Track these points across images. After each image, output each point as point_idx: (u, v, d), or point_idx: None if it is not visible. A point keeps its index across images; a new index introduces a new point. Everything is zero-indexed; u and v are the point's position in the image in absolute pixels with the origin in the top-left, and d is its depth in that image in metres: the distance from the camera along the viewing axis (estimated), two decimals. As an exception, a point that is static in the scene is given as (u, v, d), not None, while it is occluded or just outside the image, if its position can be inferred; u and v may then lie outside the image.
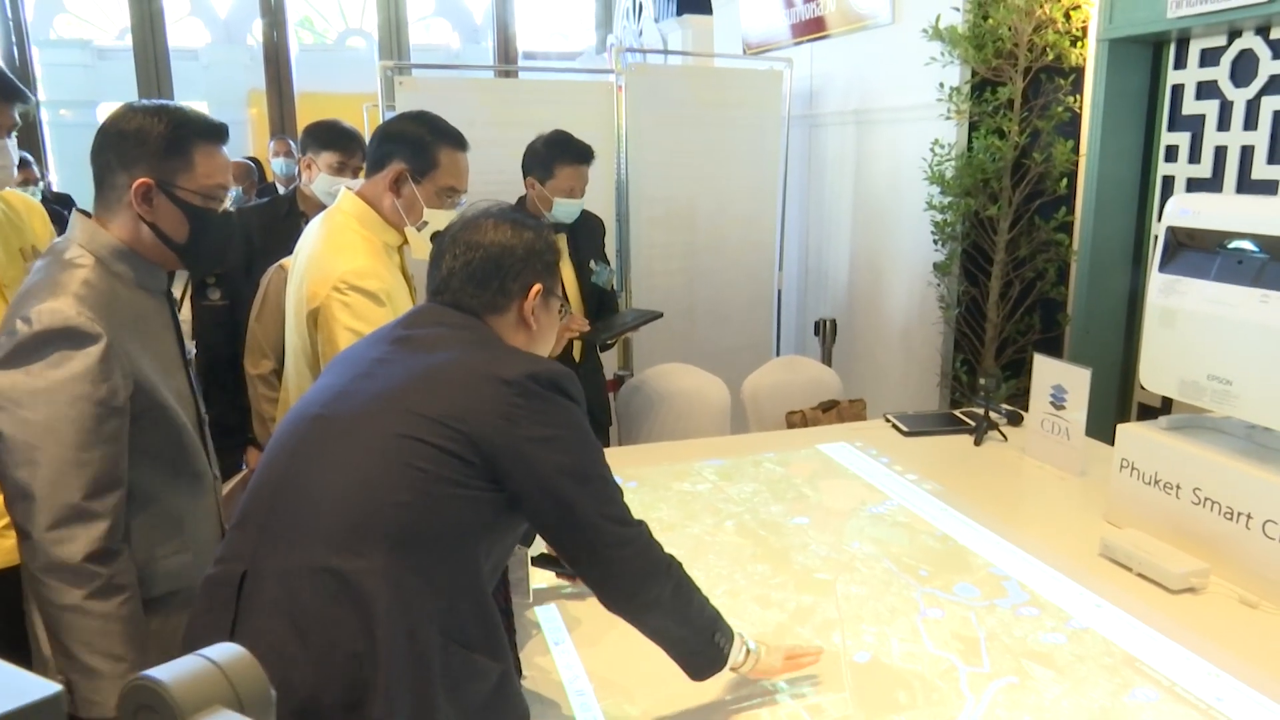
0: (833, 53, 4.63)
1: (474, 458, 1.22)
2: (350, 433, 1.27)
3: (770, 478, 2.27)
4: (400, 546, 1.19)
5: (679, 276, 4.27)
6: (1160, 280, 2.02)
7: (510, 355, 1.34)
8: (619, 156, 4.01)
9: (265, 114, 7.48)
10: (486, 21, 9.34)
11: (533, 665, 1.64)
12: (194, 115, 1.60)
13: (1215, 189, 2.96)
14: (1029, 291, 3.54)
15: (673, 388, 3.38)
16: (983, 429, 2.76)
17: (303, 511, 1.24)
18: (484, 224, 1.42)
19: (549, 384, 1.28)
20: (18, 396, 1.42)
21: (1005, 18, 3.31)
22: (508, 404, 1.24)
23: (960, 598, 1.75)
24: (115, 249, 1.55)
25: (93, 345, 1.44)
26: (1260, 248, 1.84)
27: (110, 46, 9.93)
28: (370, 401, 1.28)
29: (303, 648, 1.16)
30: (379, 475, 1.22)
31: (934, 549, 1.91)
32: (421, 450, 1.21)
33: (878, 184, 4.37)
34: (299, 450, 1.30)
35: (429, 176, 2.09)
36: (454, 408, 1.23)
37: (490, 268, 1.38)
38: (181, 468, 1.65)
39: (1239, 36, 2.85)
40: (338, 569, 1.18)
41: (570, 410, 1.30)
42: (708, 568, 1.92)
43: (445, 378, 1.28)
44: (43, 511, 1.41)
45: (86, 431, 1.43)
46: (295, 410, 1.37)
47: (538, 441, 1.25)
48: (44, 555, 1.42)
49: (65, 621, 1.44)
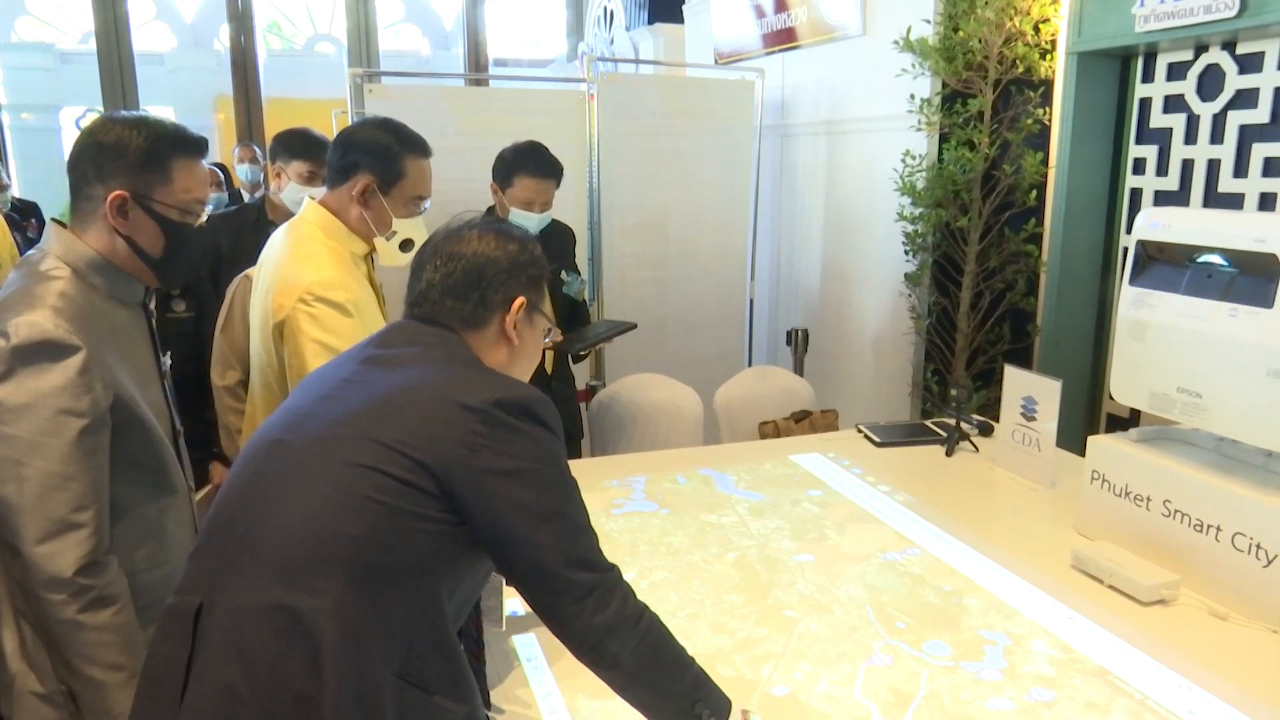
0: (804, 63, 4.65)
1: (433, 489, 1.15)
2: (307, 460, 1.20)
3: (802, 517, 2.15)
4: (355, 583, 1.12)
5: (651, 286, 4.26)
6: (1131, 293, 2.04)
7: (479, 378, 1.25)
8: (591, 165, 3.99)
9: (232, 119, 7.40)
10: (457, 28, 9.31)
11: (511, 699, 1.57)
12: (173, 128, 1.59)
13: (1182, 202, 2.99)
14: (999, 302, 3.57)
15: (645, 398, 3.36)
16: (954, 440, 2.76)
17: (257, 544, 1.17)
18: (467, 235, 1.36)
19: (518, 410, 1.20)
20: (0, 414, 1.41)
21: (976, 30, 3.34)
22: (469, 432, 1.16)
23: (924, 654, 1.64)
24: (91, 261, 1.54)
25: (72, 357, 1.44)
26: (1229, 262, 1.85)
27: (73, 50, 9.81)
28: (329, 426, 1.21)
29: (251, 688, 1.10)
30: (333, 507, 1.15)
31: (931, 603, 1.80)
32: (378, 480, 1.14)
33: (849, 194, 4.38)
34: (256, 478, 1.24)
35: (397, 187, 2.06)
36: (413, 435, 1.16)
37: (471, 279, 1.32)
38: (160, 480, 1.65)
39: (1205, 51, 2.89)
40: (288, 606, 1.11)
41: (540, 440, 1.22)
42: (686, 592, 1.87)
43: (406, 401, 1.20)
44: (31, 526, 1.41)
45: (70, 445, 1.43)
46: (258, 434, 1.32)
47: (500, 475, 1.16)
48: (38, 571, 1.42)
49: (64, 636, 1.46)
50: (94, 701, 1.50)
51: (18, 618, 1.54)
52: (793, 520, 2.03)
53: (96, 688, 1.49)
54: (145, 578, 1.58)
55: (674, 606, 1.75)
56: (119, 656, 1.49)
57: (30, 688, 1.54)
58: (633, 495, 2.15)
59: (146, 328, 1.69)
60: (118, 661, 1.49)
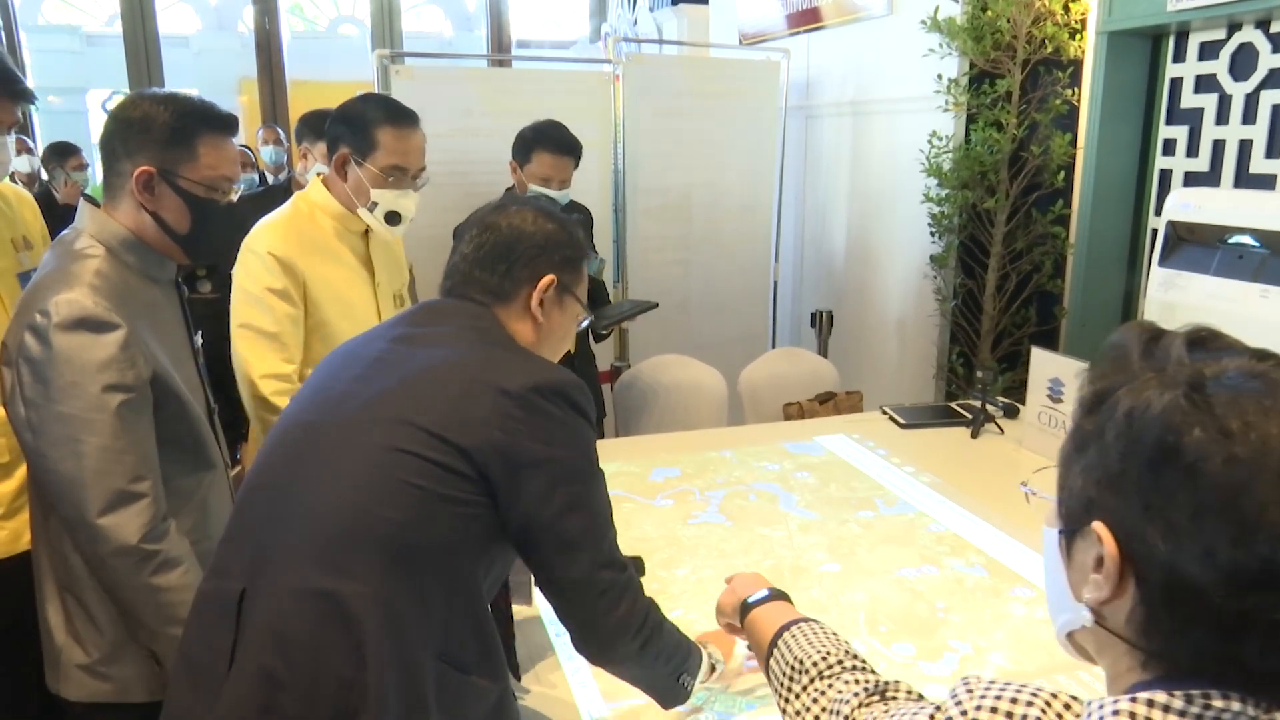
0: (829, 43, 4.62)
1: (470, 472, 1.14)
2: (343, 444, 1.19)
3: (843, 535, 2.13)
4: (395, 567, 1.12)
5: (675, 268, 4.27)
6: (1160, 275, 2.03)
7: (515, 360, 1.24)
8: (615, 147, 3.99)
9: (256, 101, 7.44)
10: (479, 9, 9.30)
11: (542, 681, 1.57)
12: (202, 105, 1.61)
13: (1213, 183, 2.96)
14: (1025, 284, 3.55)
15: (669, 379, 3.38)
16: (980, 421, 2.76)
17: (295, 528, 1.17)
18: (508, 209, 1.36)
19: (555, 395, 1.19)
20: (50, 392, 1.44)
21: (1004, 10, 3.31)
22: (506, 416, 1.15)
23: (890, 652, 1.67)
24: (124, 239, 1.57)
25: (113, 333, 1.46)
26: (1260, 243, 1.84)
27: (99, 32, 9.88)
28: (364, 409, 1.20)
29: (291, 673, 1.10)
30: (372, 492, 1.14)
31: (918, 616, 1.78)
32: (416, 465, 1.14)
33: (874, 176, 4.36)
34: (291, 460, 1.23)
35: (370, 158, 2.13)
36: (449, 418, 1.15)
37: (501, 250, 1.32)
38: (199, 456, 1.68)
39: (1238, 30, 2.85)
40: (328, 590, 1.11)
41: (575, 427, 1.21)
42: (720, 587, 1.93)
43: (443, 384, 1.19)
44: (94, 500, 1.44)
45: (120, 419, 1.46)
46: (288, 415, 1.31)
47: (533, 464, 1.16)
48: (105, 541, 1.45)
49: (141, 601, 1.49)
50: None
51: (62, 593, 1.58)
52: (834, 538, 2.10)
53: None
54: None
55: (708, 596, 1.80)
56: None
57: (76, 660, 1.58)
58: (708, 509, 2.27)
59: (179, 305, 1.72)
60: None
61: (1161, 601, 0.63)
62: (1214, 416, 0.60)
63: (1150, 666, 0.66)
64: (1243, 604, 0.59)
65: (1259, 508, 0.58)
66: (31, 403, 1.44)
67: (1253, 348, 0.66)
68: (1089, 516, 0.67)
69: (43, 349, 1.43)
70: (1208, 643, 0.61)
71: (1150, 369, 0.66)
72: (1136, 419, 0.63)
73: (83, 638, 1.57)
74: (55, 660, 1.60)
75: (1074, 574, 0.70)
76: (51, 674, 1.61)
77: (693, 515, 2.23)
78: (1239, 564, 0.58)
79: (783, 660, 1.08)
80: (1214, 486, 0.59)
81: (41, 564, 1.60)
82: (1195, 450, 0.60)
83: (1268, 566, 0.58)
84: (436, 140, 3.51)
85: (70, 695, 1.59)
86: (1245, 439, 0.59)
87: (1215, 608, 0.60)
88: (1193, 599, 0.61)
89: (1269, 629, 0.59)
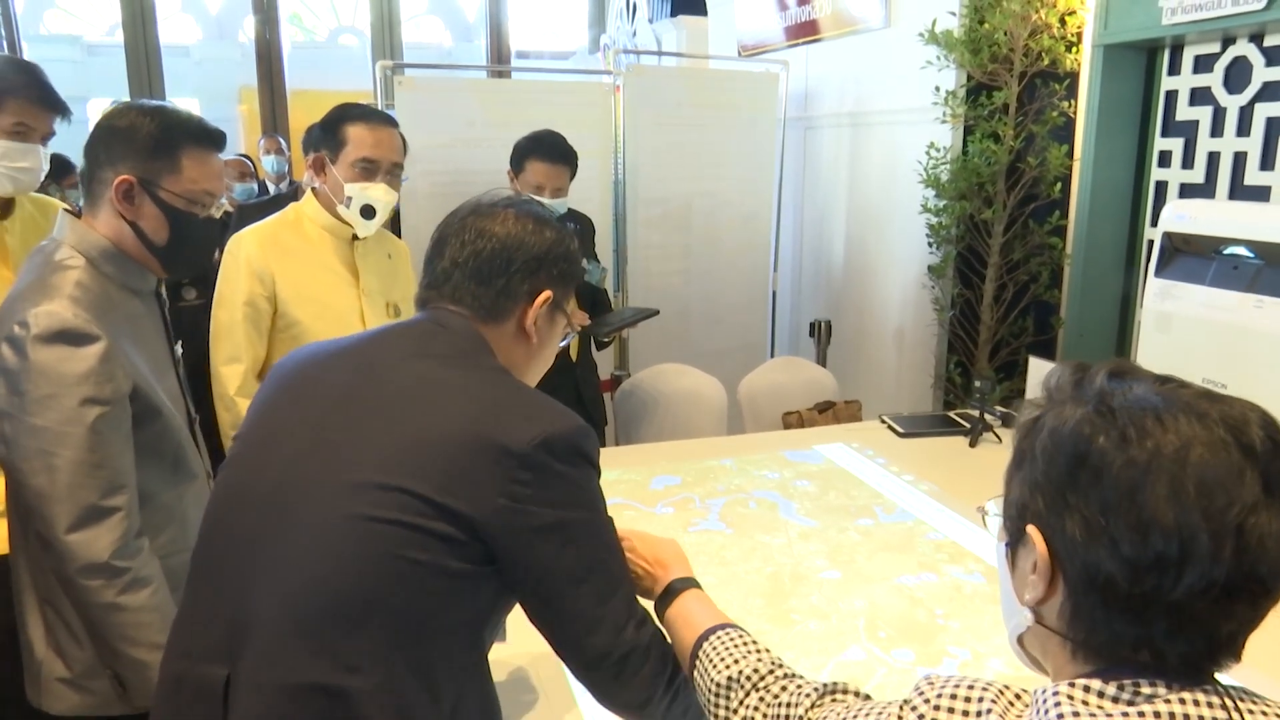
0: (828, 55, 4.66)
1: (471, 540, 1.02)
2: (325, 508, 1.04)
3: (843, 543, 2.15)
4: (398, 653, 1.01)
5: (675, 277, 4.29)
6: (1156, 285, 2.06)
7: (514, 401, 1.10)
8: (616, 157, 4.02)
9: (256, 111, 7.47)
10: (479, 20, 9.35)
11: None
12: (188, 118, 1.60)
13: (1208, 195, 2.99)
14: (1023, 294, 3.57)
15: (669, 388, 3.39)
16: (978, 430, 2.79)
17: (273, 606, 1.03)
18: (502, 213, 1.23)
19: (565, 451, 1.06)
20: (25, 404, 1.41)
21: (1001, 22, 3.34)
22: (512, 481, 1.02)
23: (890, 657, 1.68)
24: (104, 250, 1.54)
25: (93, 345, 1.44)
26: (1255, 254, 1.87)
27: (100, 42, 9.91)
28: (344, 469, 1.05)
29: None
30: (366, 570, 1.00)
31: (917, 622, 1.80)
32: (410, 538, 1.00)
33: (872, 186, 4.39)
34: (262, 527, 1.07)
35: (341, 154, 2.24)
36: (447, 483, 1.01)
37: (499, 262, 1.19)
38: (178, 467, 1.65)
39: (1233, 43, 2.89)
40: (327, 686, 0.99)
41: (585, 484, 1.10)
42: (721, 593, 1.91)
43: (434, 440, 1.04)
44: (64, 515, 1.42)
45: (97, 432, 1.44)
46: (241, 459, 1.15)
47: (543, 531, 1.04)
48: (74, 558, 1.43)
49: (106, 620, 1.47)
50: (139, 683, 1.51)
51: (43, 606, 1.56)
52: (833, 545, 2.12)
53: (141, 669, 1.50)
54: (167, 563, 1.59)
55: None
56: (159, 635, 1.48)
57: (57, 674, 1.56)
58: (708, 516, 2.30)
59: (160, 317, 1.70)
60: (159, 641, 1.47)
61: (1083, 591, 0.72)
62: (1116, 426, 0.71)
63: (1080, 658, 0.75)
64: (1143, 587, 0.68)
65: (1153, 504, 0.67)
66: (6, 415, 1.42)
67: (1160, 374, 0.76)
68: (1023, 522, 0.76)
69: (19, 360, 1.41)
70: (1122, 625, 0.71)
71: (1075, 397, 0.76)
72: (1057, 432, 0.74)
73: (63, 651, 1.56)
74: (36, 674, 1.58)
75: (1017, 581, 0.79)
76: (32, 688, 1.59)
77: (693, 523, 2.25)
78: (1138, 553, 0.68)
79: (712, 671, 1.06)
80: (1115, 485, 0.69)
81: (21, 577, 1.58)
82: (1100, 455, 0.70)
83: (1161, 554, 0.67)
84: (439, 150, 3.56)
85: (51, 709, 1.57)
86: (1142, 445, 0.69)
87: (1124, 593, 0.69)
88: (1106, 587, 0.70)
89: (1168, 610, 0.68)
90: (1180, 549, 0.67)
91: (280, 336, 2.24)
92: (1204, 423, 0.69)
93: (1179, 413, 0.70)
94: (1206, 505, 0.66)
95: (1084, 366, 0.78)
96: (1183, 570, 0.67)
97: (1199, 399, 0.71)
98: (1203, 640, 0.70)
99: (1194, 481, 0.67)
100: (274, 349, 2.25)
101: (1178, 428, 0.69)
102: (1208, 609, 0.68)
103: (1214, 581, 0.67)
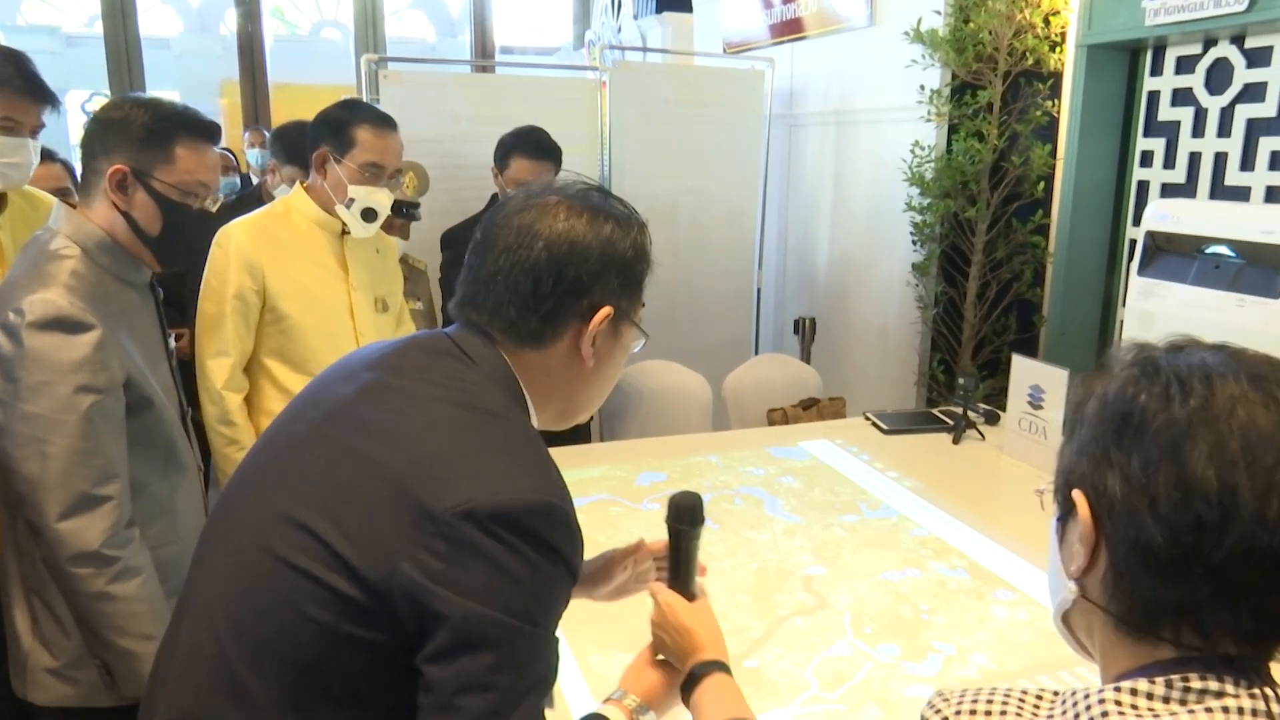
0: (813, 53, 4.66)
1: (374, 606, 0.87)
2: (250, 533, 0.94)
3: (828, 539, 2.16)
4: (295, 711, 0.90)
5: (660, 274, 4.22)
6: (1139, 284, 2.08)
7: (469, 463, 0.89)
8: (602, 154, 4.02)
9: (238, 104, 7.41)
10: (463, 15, 9.31)
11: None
12: (183, 110, 1.61)
13: (1189, 194, 3.02)
14: (1006, 292, 3.59)
15: (655, 384, 3.40)
16: (961, 428, 2.80)
17: (199, 640, 0.95)
18: (553, 207, 1.02)
19: (502, 527, 0.86)
20: (19, 391, 1.42)
21: (986, 22, 3.36)
22: (421, 547, 0.85)
23: (875, 652, 1.69)
24: (100, 241, 1.55)
25: (87, 334, 1.45)
26: (1237, 253, 1.89)
27: (79, 33, 9.82)
28: (278, 494, 0.94)
29: None
30: (269, 615, 0.89)
31: (902, 618, 1.81)
32: (312, 593, 0.87)
33: (857, 184, 4.41)
34: (210, 539, 1.01)
35: (349, 155, 2.22)
36: (355, 533, 0.87)
37: (546, 278, 0.99)
38: (170, 459, 1.66)
39: (1214, 45, 2.91)
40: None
41: (521, 576, 0.87)
42: (707, 590, 1.91)
43: (359, 482, 0.90)
44: (55, 503, 1.43)
45: (90, 421, 1.44)
46: (242, 463, 1.07)
47: (437, 617, 0.86)
48: (64, 546, 1.43)
49: (95, 609, 1.47)
50: (128, 673, 1.52)
51: (29, 596, 1.56)
52: (818, 541, 2.13)
53: (130, 659, 1.51)
54: (157, 555, 1.59)
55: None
56: (149, 626, 1.50)
57: (44, 664, 1.56)
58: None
59: (154, 309, 1.71)
60: (148, 631, 1.50)
61: (1124, 555, 0.70)
62: (1159, 383, 0.70)
63: (1123, 635, 0.72)
64: (1183, 549, 0.66)
65: (1194, 461, 0.66)
66: (3, 402, 1.43)
67: (1220, 344, 0.75)
68: (1069, 489, 0.75)
69: (14, 347, 1.42)
70: (1163, 590, 0.68)
71: (1128, 364, 0.75)
72: (1104, 396, 0.74)
73: (50, 641, 1.56)
74: (22, 665, 1.58)
75: (1065, 554, 0.78)
76: (18, 679, 1.59)
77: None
78: (1178, 512, 0.66)
79: None
80: (1156, 442, 0.68)
81: (8, 567, 1.58)
82: (1142, 412, 0.70)
83: (1202, 515, 0.65)
84: (424, 145, 3.54)
85: (37, 700, 1.58)
86: (1185, 402, 0.68)
87: (1164, 555, 0.67)
88: (1147, 549, 0.68)
89: (1210, 574, 0.66)
90: (1221, 509, 0.65)
91: (268, 330, 2.22)
92: (1257, 383, 0.67)
93: (1231, 373, 0.68)
94: (1251, 463, 0.64)
95: (1146, 344, 0.77)
96: (1225, 531, 0.65)
97: (1260, 362, 0.70)
98: (1249, 615, 0.67)
99: (1239, 439, 0.65)
100: (261, 343, 2.23)
101: (1226, 387, 0.67)
102: (1254, 577, 0.65)
103: (1258, 545, 0.64)
